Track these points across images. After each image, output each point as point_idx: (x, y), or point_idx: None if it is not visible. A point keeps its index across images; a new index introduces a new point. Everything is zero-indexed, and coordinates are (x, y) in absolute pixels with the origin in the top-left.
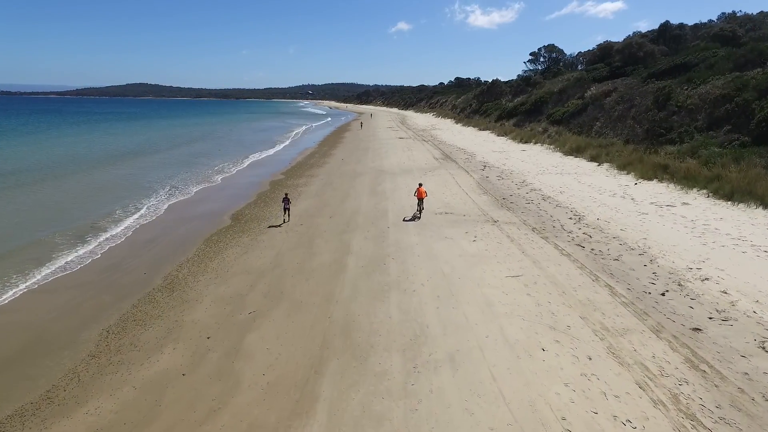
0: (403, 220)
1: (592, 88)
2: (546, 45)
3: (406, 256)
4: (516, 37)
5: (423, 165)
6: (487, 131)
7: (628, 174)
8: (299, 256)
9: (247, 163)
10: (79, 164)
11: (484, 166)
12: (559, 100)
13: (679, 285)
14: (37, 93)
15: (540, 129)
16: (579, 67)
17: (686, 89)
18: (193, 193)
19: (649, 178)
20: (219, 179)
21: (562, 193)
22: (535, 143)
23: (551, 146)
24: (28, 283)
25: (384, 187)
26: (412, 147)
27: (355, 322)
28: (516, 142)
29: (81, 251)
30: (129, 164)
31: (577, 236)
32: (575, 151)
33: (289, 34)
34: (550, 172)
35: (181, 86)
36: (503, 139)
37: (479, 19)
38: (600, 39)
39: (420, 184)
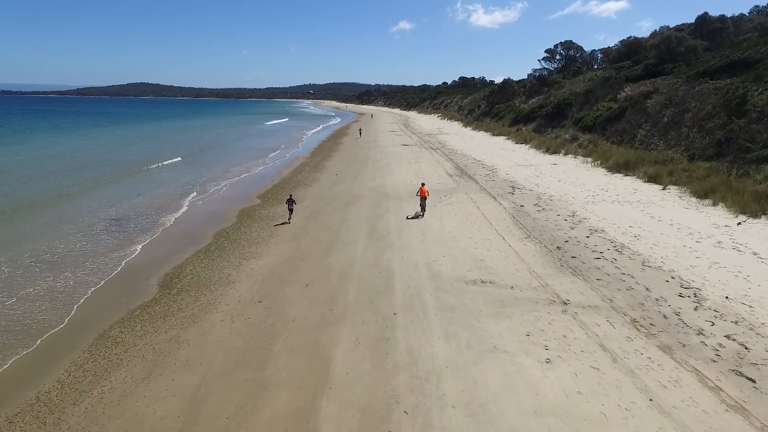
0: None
1: (626, 89)
2: (563, 41)
3: (430, 404)
4: (519, 37)
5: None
6: (502, 137)
7: (715, 205)
8: (237, 392)
9: (223, 182)
10: (21, 186)
11: (513, 187)
12: (586, 102)
13: None
14: (38, 93)
15: (567, 136)
16: (595, 66)
17: (756, 90)
18: (129, 233)
19: (755, 214)
20: (182, 203)
21: (639, 237)
22: (566, 154)
23: (588, 159)
24: None
25: (387, 224)
26: (420, 157)
27: None
28: (541, 152)
29: None
30: (83, 186)
31: (721, 345)
32: (623, 168)
33: (290, 33)
34: (603, 199)
35: (182, 86)
36: (524, 147)
37: (482, 18)
38: (603, 38)
39: (423, 184)
